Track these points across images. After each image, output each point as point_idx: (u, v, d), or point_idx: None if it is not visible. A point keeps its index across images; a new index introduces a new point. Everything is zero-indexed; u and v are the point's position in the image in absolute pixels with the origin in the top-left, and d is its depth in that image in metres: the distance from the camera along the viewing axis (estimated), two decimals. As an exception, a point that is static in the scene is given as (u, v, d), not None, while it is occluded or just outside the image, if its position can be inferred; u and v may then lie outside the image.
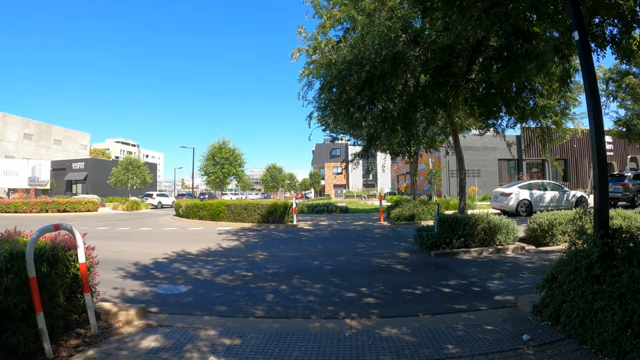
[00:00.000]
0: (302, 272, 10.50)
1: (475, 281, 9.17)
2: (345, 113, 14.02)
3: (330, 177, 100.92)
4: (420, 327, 6.08)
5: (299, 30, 15.01)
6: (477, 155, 43.92)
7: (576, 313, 5.32)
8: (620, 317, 4.65)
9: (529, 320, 6.23)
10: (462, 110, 15.78)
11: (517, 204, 24.84)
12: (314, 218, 29.10)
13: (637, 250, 5.12)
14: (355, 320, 6.50)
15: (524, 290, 8.02)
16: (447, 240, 12.64)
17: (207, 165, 62.16)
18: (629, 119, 26.09)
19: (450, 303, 7.50)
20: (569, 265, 5.82)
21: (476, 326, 6.04)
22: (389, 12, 12.55)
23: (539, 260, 11.30)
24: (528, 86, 13.57)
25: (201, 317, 6.81)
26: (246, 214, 25.20)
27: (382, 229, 20.86)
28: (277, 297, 8.20)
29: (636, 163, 48.10)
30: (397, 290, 8.53)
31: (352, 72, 12.21)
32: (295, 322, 6.59)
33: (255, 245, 15.66)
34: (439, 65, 12.17)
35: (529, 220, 13.97)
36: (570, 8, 6.28)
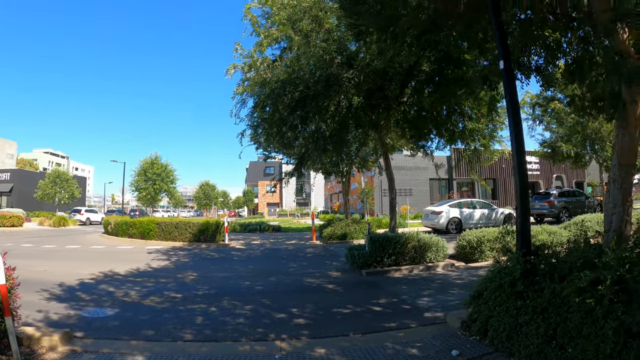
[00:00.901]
0: (232, 293, 10.34)
1: (406, 299, 9.32)
2: (277, 132, 14.05)
3: (264, 195, 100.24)
4: (351, 347, 6.11)
5: (236, 46, 14.91)
6: (409, 175, 44.75)
7: (502, 327, 5.53)
8: (544, 330, 4.86)
9: (458, 335, 6.40)
10: (394, 131, 16.10)
11: (448, 222, 25.47)
12: (247, 237, 28.71)
13: (558, 267, 5.33)
14: (285, 342, 6.45)
15: (453, 306, 8.18)
16: (378, 259, 12.76)
17: (139, 180, 60.26)
18: (554, 141, 27.36)
19: (381, 321, 7.57)
20: (493, 282, 6.04)
21: (406, 344, 6.13)
22: (325, 34, 12.71)
23: (468, 276, 11.63)
24: (458, 110, 14.01)
25: (128, 342, 6.56)
26: (177, 232, 24.51)
27: (314, 248, 20.86)
28: (207, 319, 8.02)
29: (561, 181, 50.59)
30: (328, 310, 8.54)
31: (286, 91, 12.28)
32: (224, 345, 6.47)
33: (186, 266, 15.35)
34: (372, 88, 12.40)
35: (459, 237, 14.39)
36: (497, 38, 6.60)
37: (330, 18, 12.89)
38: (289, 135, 14.16)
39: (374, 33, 8.73)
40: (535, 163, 50.24)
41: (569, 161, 27.89)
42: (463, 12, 7.27)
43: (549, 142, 27.98)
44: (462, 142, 16.43)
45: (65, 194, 67.94)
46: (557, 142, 27.08)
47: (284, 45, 14.52)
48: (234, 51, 15.12)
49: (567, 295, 4.71)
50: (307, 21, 12.54)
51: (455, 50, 8.92)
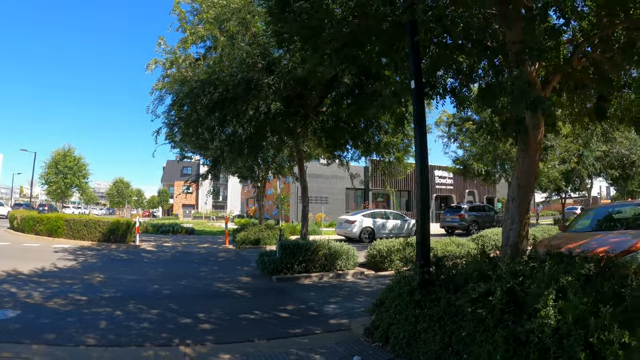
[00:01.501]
0: (139, 297, 10.09)
1: (313, 305, 9.48)
2: (193, 133, 13.81)
3: (180, 196, 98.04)
4: (255, 353, 6.17)
5: (159, 41, 14.45)
6: (326, 183, 45.17)
7: (402, 334, 5.76)
8: (441, 338, 5.11)
9: (362, 342, 6.58)
10: (311, 140, 16.26)
11: (361, 231, 26.07)
12: (159, 239, 28.09)
13: (455, 278, 5.63)
14: (189, 347, 6.41)
15: (358, 313, 8.39)
16: (288, 266, 12.86)
17: (49, 173, 56.68)
18: (466, 159, 28.39)
19: (287, 328, 7.67)
20: (394, 291, 6.31)
21: (310, 349, 6.24)
22: (251, 37, 12.65)
23: (377, 284, 11.85)
24: (375, 123, 14.31)
25: (29, 346, 6.30)
26: (86, 231, 23.51)
27: (226, 253, 20.79)
28: (111, 323, 7.80)
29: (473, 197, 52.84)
30: (235, 316, 8.53)
31: (205, 92, 12.14)
32: (128, 350, 6.34)
33: (94, 267, 14.83)
34: (291, 96, 12.50)
35: (370, 246, 14.76)
36: (411, 59, 6.90)
37: (258, 22, 12.85)
38: (206, 136, 13.96)
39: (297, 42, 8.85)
40: (449, 178, 52.26)
41: (479, 178, 29.07)
42: (384, 31, 7.53)
43: (461, 160, 29.05)
44: (378, 154, 16.81)
45: (-30, 184, 64.14)
46: (469, 160, 28.18)
47: (209, 45, 14.28)
48: (157, 45, 14.68)
49: (461, 305, 4.99)
50: (235, 22, 12.41)
51: (375, 66, 9.16)
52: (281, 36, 8.97)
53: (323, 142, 15.18)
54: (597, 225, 10.62)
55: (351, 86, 12.42)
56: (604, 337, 3.84)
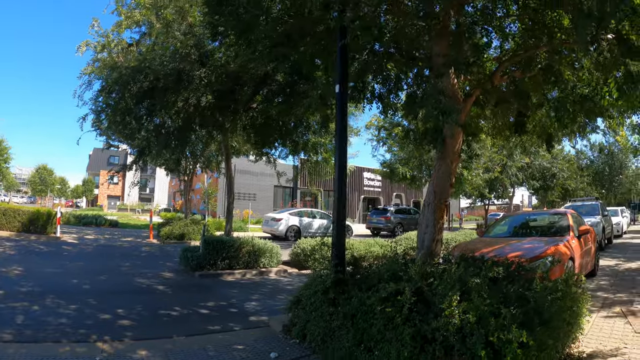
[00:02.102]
0: (58, 291, 9.76)
1: (234, 302, 9.56)
2: (121, 121, 13.58)
3: (105, 187, 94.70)
4: (174, 349, 6.19)
5: (93, 22, 13.83)
6: (254, 180, 45.14)
7: (318, 331, 5.94)
8: (353, 335, 5.32)
9: (280, 339, 6.72)
10: (240, 135, 16.25)
11: (287, 229, 26.23)
12: (81, 230, 27.19)
13: (369, 278, 5.88)
14: (107, 344, 6.32)
15: (279, 311, 8.46)
16: (212, 262, 12.83)
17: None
18: (392, 163, 29.06)
19: (207, 324, 7.71)
20: (310, 289, 6.50)
21: (228, 346, 6.33)
22: (187, 27, 12.41)
23: (299, 282, 11.86)
24: (304, 123, 14.48)
25: None
26: (5, 220, 22.10)
27: (150, 247, 20.50)
28: (28, 318, 7.58)
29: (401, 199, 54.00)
30: (155, 312, 8.49)
31: (135, 79, 11.93)
32: (45, 346, 6.18)
33: (11, 258, 14.24)
34: (222, 90, 12.44)
35: (294, 245, 14.96)
36: (338, 63, 7.10)
37: (196, 12, 12.66)
38: (133, 125, 13.67)
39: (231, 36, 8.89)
40: (377, 180, 53.16)
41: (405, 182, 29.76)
42: (318, 33, 7.71)
43: (388, 163, 29.69)
44: (306, 153, 17.01)
45: None
46: (395, 164, 28.85)
47: (144, 31, 13.91)
48: (90, 27, 14.09)
49: (371, 303, 5.21)
50: (172, 10, 12.24)
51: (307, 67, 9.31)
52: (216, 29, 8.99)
53: (252, 138, 15.23)
54: (513, 232, 11.18)
55: (283, 85, 12.53)
56: (504, 336, 4.14)
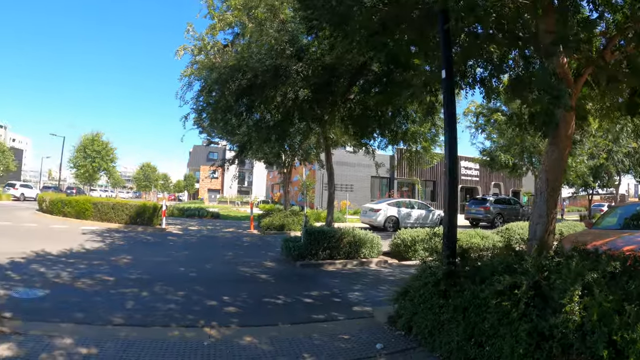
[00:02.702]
0: (165, 279, 10.19)
1: (337, 292, 9.51)
2: (222, 118, 13.98)
3: (206, 181, 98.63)
4: (279, 336, 6.19)
5: (188, 27, 14.52)
6: (351, 171, 45.13)
7: (425, 324, 5.77)
8: (464, 328, 5.11)
9: (385, 330, 6.58)
10: (338, 127, 16.23)
11: (385, 220, 26.02)
12: (184, 222, 28.36)
13: (481, 270, 5.62)
14: (214, 329, 6.44)
15: (382, 301, 8.36)
16: (313, 252, 12.91)
17: (77, 157, 57.86)
18: (493, 150, 28.04)
19: (311, 313, 7.71)
20: (419, 280, 6.30)
21: (333, 335, 6.26)
22: (279, 24, 12.61)
23: (400, 273, 11.85)
24: (402, 112, 14.23)
25: (58, 325, 6.38)
26: (113, 213, 23.96)
27: (251, 237, 20.92)
28: (138, 304, 7.93)
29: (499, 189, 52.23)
30: (259, 300, 8.59)
31: (234, 78, 12.20)
32: (153, 330, 6.41)
33: (121, 248, 15.08)
34: (319, 82, 12.45)
35: (394, 235, 14.74)
36: (442, 48, 6.83)
37: (287, 9, 12.88)
38: (234, 122, 14.08)
39: (326, 29, 8.81)
40: (475, 169, 51.61)
41: (506, 170, 28.71)
42: (415, 19, 7.48)
43: (488, 151, 28.73)
44: (404, 143, 16.74)
45: (0, 166, 65.46)
46: (496, 151, 27.83)
47: (237, 31, 14.35)
48: (186, 32, 14.79)
49: (486, 296, 4.97)
50: (263, 9, 12.42)
51: (404, 55, 9.10)
52: (310, 22, 8.94)
53: (350, 129, 15.17)
54: (624, 224, 10.46)
55: (379, 74, 12.31)
56: (628, 335, 3.82)
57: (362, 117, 14.09)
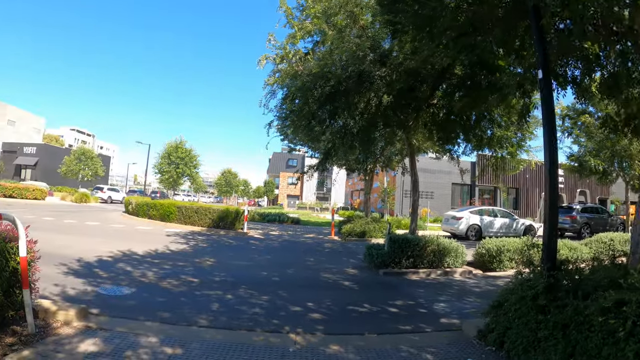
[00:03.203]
0: (249, 282, 10.31)
1: (422, 302, 9.24)
2: (305, 125, 14.00)
3: (285, 187, 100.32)
4: (366, 346, 6.04)
5: (269, 37, 14.75)
6: (432, 178, 44.44)
7: (520, 340, 5.43)
8: (563, 347, 4.76)
9: (474, 344, 6.30)
10: (421, 133, 15.94)
11: (467, 228, 25.26)
12: (265, 227, 28.88)
13: (582, 284, 5.23)
14: (300, 336, 6.39)
15: (469, 314, 8.14)
16: (396, 260, 12.67)
17: (162, 163, 60.05)
18: (582, 155, 26.67)
19: (396, 323, 7.51)
20: (515, 294, 5.94)
21: (421, 348, 6.05)
22: (359, 30, 12.57)
23: (486, 285, 11.52)
24: (487, 116, 13.79)
25: (143, 323, 6.55)
26: (197, 217, 24.74)
27: (332, 244, 20.86)
28: (223, 306, 8.03)
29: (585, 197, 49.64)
30: (343, 307, 8.48)
31: (317, 85, 12.17)
32: (239, 334, 6.42)
33: (204, 251, 15.42)
34: (403, 88, 12.25)
35: (478, 245, 14.27)
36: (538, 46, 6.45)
37: (365, 15, 12.81)
38: (317, 129, 14.13)
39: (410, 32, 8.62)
40: (560, 176, 49.45)
41: (595, 177, 27.23)
42: (502, 17, 7.16)
43: (576, 156, 27.35)
44: (490, 148, 16.19)
45: (89, 171, 69.02)
46: (585, 156, 26.44)
47: (316, 39, 14.40)
48: (267, 42, 15.00)
49: (590, 313, 4.61)
50: (342, 16, 12.41)
51: (490, 56, 8.80)
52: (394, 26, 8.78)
53: (434, 135, 14.82)
54: None
55: (463, 77, 11.99)
56: None
57: (446, 122, 13.74)
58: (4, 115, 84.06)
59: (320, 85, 12.07)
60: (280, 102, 15.57)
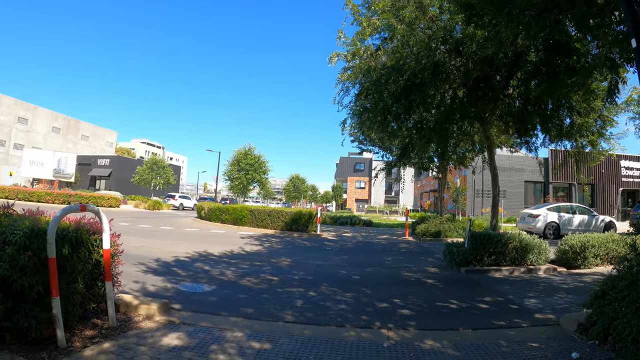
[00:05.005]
0: (329, 280, 10.27)
1: (512, 299, 8.88)
2: (381, 121, 13.84)
3: (353, 191, 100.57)
4: (462, 342, 5.80)
5: (339, 34, 14.68)
6: (503, 176, 43.18)
7: (629, 330, 4.99)
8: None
9: (574, 338, 5.93)
10: (497, 126, 15.44)
11: (545, 226, 24.23)
12: (337, 229, 29.02)
13: None
14: (392, 331, 6.22)
15: (563, 309, 7.78)
16: (477, 257, 12.31)
17: (232, 170, 61.01)
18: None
19: (489, 319, 7.24)
20: (624, 280, 5.46)
21: (520, 342, 5.77)
22: (429, 22, 12.41)
23: (573, 282, 10.97)
24: (565, 103, 13.25)
25: (227, 318, 6.55)
26: (269, 220, 25.10)
27: (407, 244, 20.61)
28: (307, 303, 7.98)
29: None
30: (431, 304, 8.27)
31: (390, 80, 12.00)
32: (328, 329, 6.33)
33: (279, 252, 15.52)
34: (479, 77, 11.95)
35: (560, 242, 13.65)
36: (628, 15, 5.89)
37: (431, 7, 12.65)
38: (393, 124, 13.97)
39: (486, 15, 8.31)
40: (637, 169, 46.82)
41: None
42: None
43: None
44: (568, 139, 15.47)
45: (161, 180, 71.37)
46: (670, 146, 24.84)
47: (384, 35, 14.23)
48: (337, 39, 14.94)
49: None
50: (411, 8, 12.22)
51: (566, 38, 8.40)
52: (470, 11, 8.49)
53: (510, 127, 14.34)
54: None
55: (538, 64, 11.64)
56: None
57: (522, 112, 13.31)
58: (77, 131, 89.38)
59: (394, 80, 11.91)
60: (354, 99, 15.69)
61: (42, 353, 4.53)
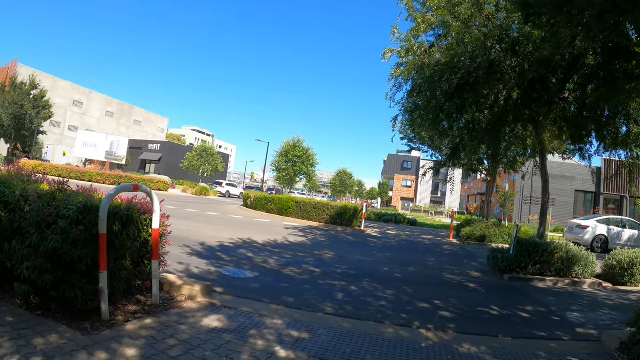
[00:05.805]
0: (371, 277, 10.27)
1: (554, 310, 8.67)
2: (433, 119, 13.71)
3: (399, 189, 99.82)
4: (501, 349, 5.70)
5: (393, 30, 14.49)
6: (554, 184, 41.97)
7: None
8: None
9: (615, 357, 5.77)
10: (550, 131, 15.08)
11: (593, 239, 23.46)
12: (381, 226, 29.09)
13: None
14: (431, 332, 6.19)
15: (606, 325, 7.58)
16: (522, 265, 12.03)
17: (280, 161, 61.77)
18: None
19: (530, 328, 7.09)
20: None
21: (560, 356, 5.63)
22: (485, 19, 12.18)
23: (618, 298, 10.65)
24: (622, 111, 12.86)
25: (268, 305, 6.65)
26: (314, 212, 25.31)
27: (451, 246, 20.42)
28: (347, 297, 8.01)
29: None
30: (472, 308, 8.18)
31: (444, 78, 11.87)
32: (367, 324, 6.32)
33: (323, 244, 15.60)
34: (535, 78, 11.71)
35: (608, 256, 13.18)
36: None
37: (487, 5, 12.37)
38: (445, 123, 13.85)
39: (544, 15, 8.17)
40: None
41: None
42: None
43: None
44: (623, 148, 14.99)
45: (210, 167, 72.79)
46: None
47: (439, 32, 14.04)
48: (391, 35, 14.76)
49: None
50: (467, 6, 12.04)
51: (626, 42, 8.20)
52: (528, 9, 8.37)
53: (565, 132, 13.98)
54: None
55: (595, 67, 11.28)
56: None
57: (577, 118, 12.92)
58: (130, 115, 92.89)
59: (447, 79, 11.80)
60: (406, 95, 15.59)
61: (85, 324, 4.70)
